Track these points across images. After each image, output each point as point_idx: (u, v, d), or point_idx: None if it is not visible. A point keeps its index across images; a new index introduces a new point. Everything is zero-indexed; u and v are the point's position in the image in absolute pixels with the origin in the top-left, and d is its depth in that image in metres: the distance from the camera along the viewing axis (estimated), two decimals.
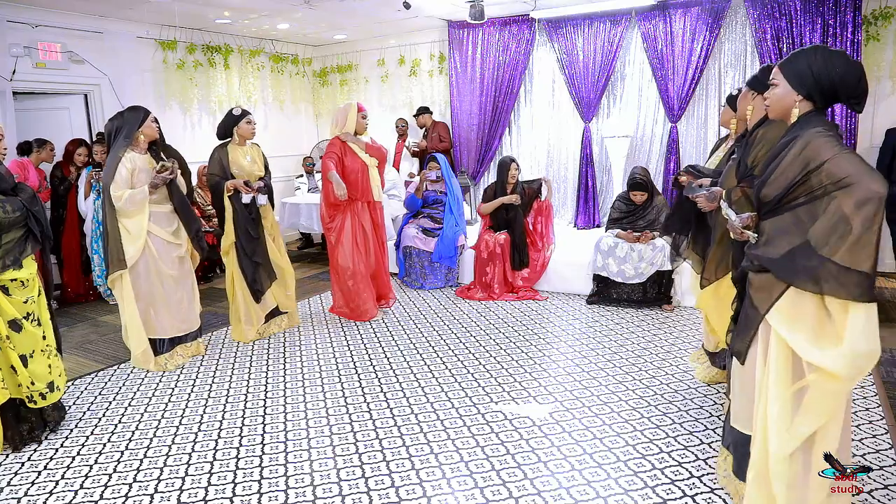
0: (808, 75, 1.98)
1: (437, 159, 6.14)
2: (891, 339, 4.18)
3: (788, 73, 2.03)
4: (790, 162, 1.94)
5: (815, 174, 1.87)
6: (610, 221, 5.35)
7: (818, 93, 1.99)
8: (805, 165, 1.90)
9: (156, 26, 6.90)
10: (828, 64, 1.95)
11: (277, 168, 8.11)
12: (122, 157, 3.77)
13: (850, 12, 5.59)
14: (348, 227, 4.73)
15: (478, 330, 4.64)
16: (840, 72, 1.95)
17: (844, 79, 1.95)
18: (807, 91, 1.99)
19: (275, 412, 3.37)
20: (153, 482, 2.72)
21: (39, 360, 3.01)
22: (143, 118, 3.83)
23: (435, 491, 2.58)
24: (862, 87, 1.97)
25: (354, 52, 8.62)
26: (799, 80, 2.00)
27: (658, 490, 2.54)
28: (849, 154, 1.85)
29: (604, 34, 6.82)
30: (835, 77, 1.95)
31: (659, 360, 3.94)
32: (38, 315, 3.04)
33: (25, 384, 2.94)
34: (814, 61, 1.97)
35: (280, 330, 4.72)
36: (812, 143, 1.90)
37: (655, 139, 6.87)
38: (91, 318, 5.29)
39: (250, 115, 4.46)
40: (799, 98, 2.01)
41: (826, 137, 1.90)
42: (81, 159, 5.64)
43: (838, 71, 1.95)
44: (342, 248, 4.73)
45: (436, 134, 7.74)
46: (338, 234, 4.75)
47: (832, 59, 1.96)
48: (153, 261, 3.87)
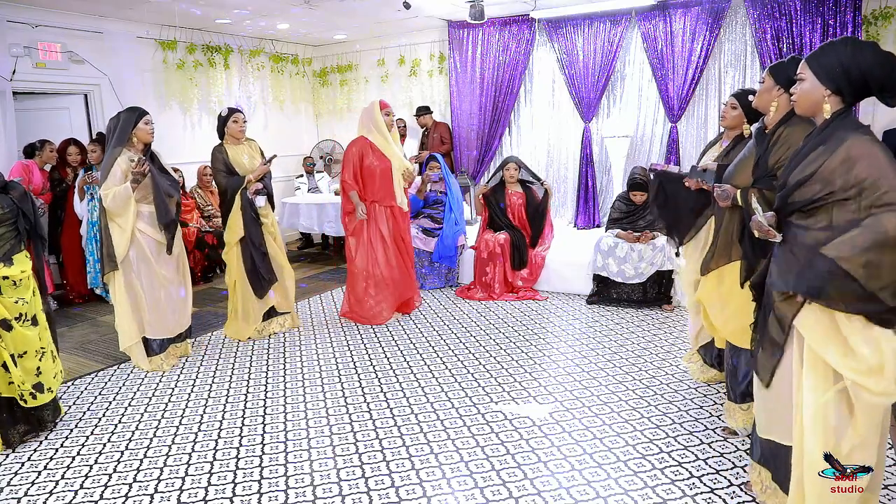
0: (837, 68, 1.89)
1: (437, 159, 6.14)
2: None
3: (816, 67, 1.95)
4: (833, 168, 1.86)
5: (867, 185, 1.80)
6: (610, 221, 5.35)
7: (847, 86, 1.90)
8: (850, 172, 1.83)
9: (156, 26, 6.90)
10: (857, 56, 1.87)
11: (277, 168, 8.09)
12: (118, 158, 3.78)
13: (850, 12, 5.59)
14: (366, 231, 4.73)
15: (478, 330, 4.64)
16: (870, 62, 1.86)
17: (874, 71, 1.86)
18: (836, 85, 1.91)
19: (275, 412, 3.37)
20: (153, 482, 2.72)
21: (30, 362, 3.00)
22: (136, 120, 3.83)
23: (435, 491, 2.58)
24: (895, 78, 1.88)
25: (354, 52, 8.62)
26: (827, 75, 1.91)
27: (658, 490, 2.53)
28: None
29: (604, 34, 6.81)
30: (865, 69, 1.86)
31: (659, 360, 3.94)
32: (31, 316, 3.03)
33: (17, 382, 2.95)
34: (843, 53, 1.89)
35: (281, 329, 4.71)
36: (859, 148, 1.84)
37: (655, 139, 6.87)
38: (91, 318, 5.29)
39: (238, 114, 4.42)
40: (827, 93, 1.93)
41: (874, 143, 1.84)
42: (73, 158, 5.63)
43: (868, 62, 1.86)
44: (360, 252, 4.73)
45: (437, 135, 7.74)
46: (357, 237, 4.74)
47: (862, 51, 1.88)
48: (146, 262, 3.88)
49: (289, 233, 8.31)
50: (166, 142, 6.01)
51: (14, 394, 2.98)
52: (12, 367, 2.92)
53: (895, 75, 1.87)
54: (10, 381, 2.95)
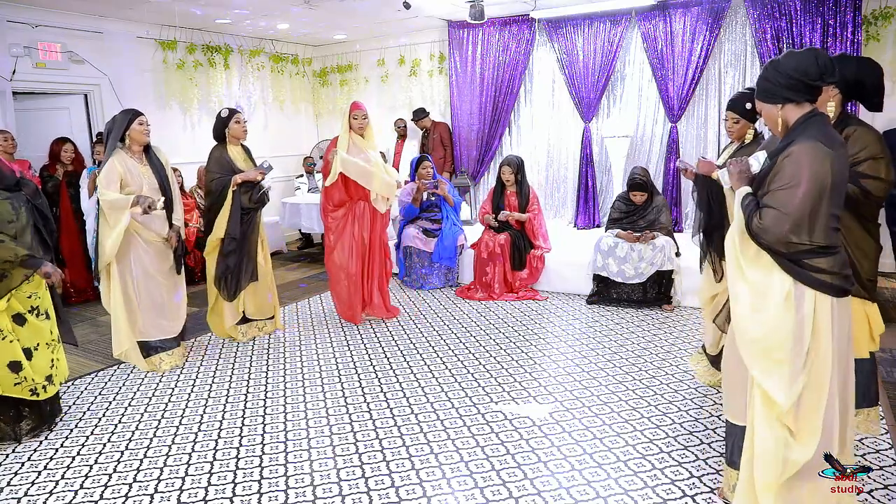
0: (767, 84, 2.10)
1: (430, 159, 6.13)
2: (891, 339, 4.18)
3: (758, 96, 2.15)
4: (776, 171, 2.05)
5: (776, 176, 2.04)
6: (610, 221, 5.35)
7: (785, 92, 2.08)
8: (781, 171, 2.05)
9: (156, 26, 6.90)
10: (777, 67, 2.06)
11: (278, 168, 8.11)
12: (113, 158, 3.81)
13: (850, 12, 5.59)
14: (348, 229, 4.73)
15: (478, 330, 4.64)
16: (785, 65, 2.04)
17: (790, 70, 2.03)
18: (776, 99, 2.09)
19: (275, 412, 3.37)
20: (153, 482, 2.72)
21: (44, 354, 3.06)
22: (129, 121, 3.83)
23: (435, 491, 2.58)
24: (811, 70, 2.03)
25: (354, 52, 8.63)
26: (764, 95, 2.12)
27: (658, 490, 2.54)
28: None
29: (604, 34, 6.82)
30: (783, 71, 2.04)
31: (659, 360, 3.94)
32: (44, 311, 3.09)
33: (30, 377, 2.98)
34: (767, 74, 2.09)
35: (261, 333, 4.65)
36: (797, 153, 2.03)
37: (655, 139, 6.87)
38: (91, 318, 5.29)
39: (239, 115, 4.36)
40: (778, 108, 2.08)
41: (811, 150, 1.99)
42: (68, 156, 5.60)
43: (785, 65, 2.04)
44: (339, 248, 4.75)
45: (437, 135, 7.75)
46: (337, 234, 4.75)
47: (779, 62, 2.07)
48: (140, 263, 3.89)
49: (289, 233, 8.31)
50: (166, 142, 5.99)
51: (22, 394, 3.00)
52: (25, 364, 2.96)
53: (811, 69, 1.97)
54: (17, 382, 2.96)
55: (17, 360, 2.94)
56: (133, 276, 3.91)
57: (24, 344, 3.00)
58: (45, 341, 3.08)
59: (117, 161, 3.80)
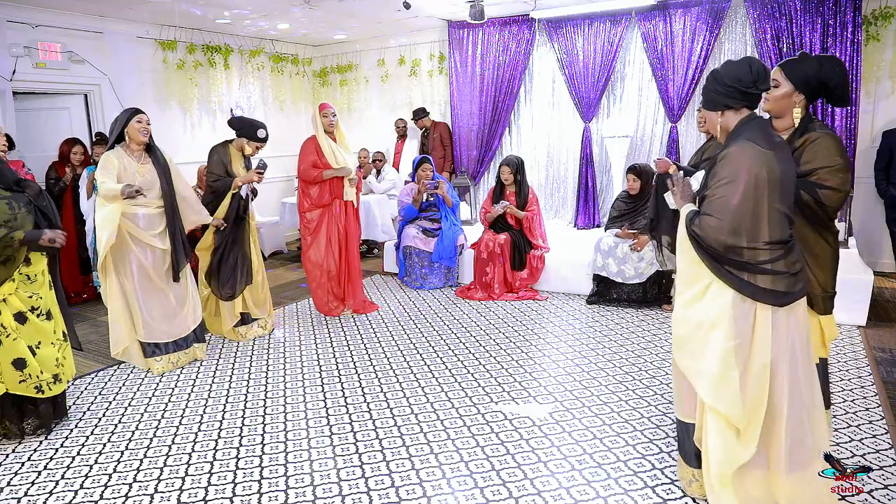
0: (710, 94, 2.21)
1: (431, 161, 6.13)
2: (891, 339, 4.19)
3: (705, 105, 2.23)
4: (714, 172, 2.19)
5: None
6: (610, 221, 5.36)
7: (724, 100, 2.17)
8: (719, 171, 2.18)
9: (156, 26, 6.90)
10: (718, 76, 2.17)
11: (278, 168, 8.12)
12: (111, 152, 3.84)
13: (850, 12, 5.59)
14: (324, 226, 4.93)
15: (478, 330, 4.64)
16: (724, 72, 2.16)
17: (730, 77, 2.14)
18: (717, 106, 2.19)
19: (275, 412, 3.37)
20: (153, 482, 2.72)
21: (48, 352, 3.06)
22: (128, 118, 3.85)
23: (435, 491, 2.58)
24: (731, 80, 2.14)
25: (354, 52, 8.62)
26: (710, 104, 2.21)
27: (658, 490, 2.54)
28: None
29: (604, 34, 6.82)
30: (719, 78, 2.17)
31: (659, 360, 3.94)
32: (45, 311, 3.08)
33: (35, 374, 2.99)
34: (706, 89, 2.21)
35: (263, 333, 4.68)
36: (731, 154, 2.15)
37: (655, 139, 6.87)
38: (91, 318, 5.29)
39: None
40: (719, 113, 2.18)
41: (743, 151, 2.09)
42: (78, 157, 5.59)
43: (726, 73, 2.16)
44: (317, 245, 4.93)
45: (437, 134, 7.75)
46: (314, 232, 4.94)
47: (719, 71, 2.19)
48: (139, 265, 3.89)
49: (289, 233, 8.31)
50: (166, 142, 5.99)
51: (27, 391, 3.00)
52: (31, 361, 2.97)
53: (745, 77, 2.08)
54: (22, 380, 2.97)
55: (21, 358, 2.94)
56: (133, 276, 3.90)
57: (26, 342, 2.99)
58: (50, 340, 3.08)
59: (114, 155, 3.83)
